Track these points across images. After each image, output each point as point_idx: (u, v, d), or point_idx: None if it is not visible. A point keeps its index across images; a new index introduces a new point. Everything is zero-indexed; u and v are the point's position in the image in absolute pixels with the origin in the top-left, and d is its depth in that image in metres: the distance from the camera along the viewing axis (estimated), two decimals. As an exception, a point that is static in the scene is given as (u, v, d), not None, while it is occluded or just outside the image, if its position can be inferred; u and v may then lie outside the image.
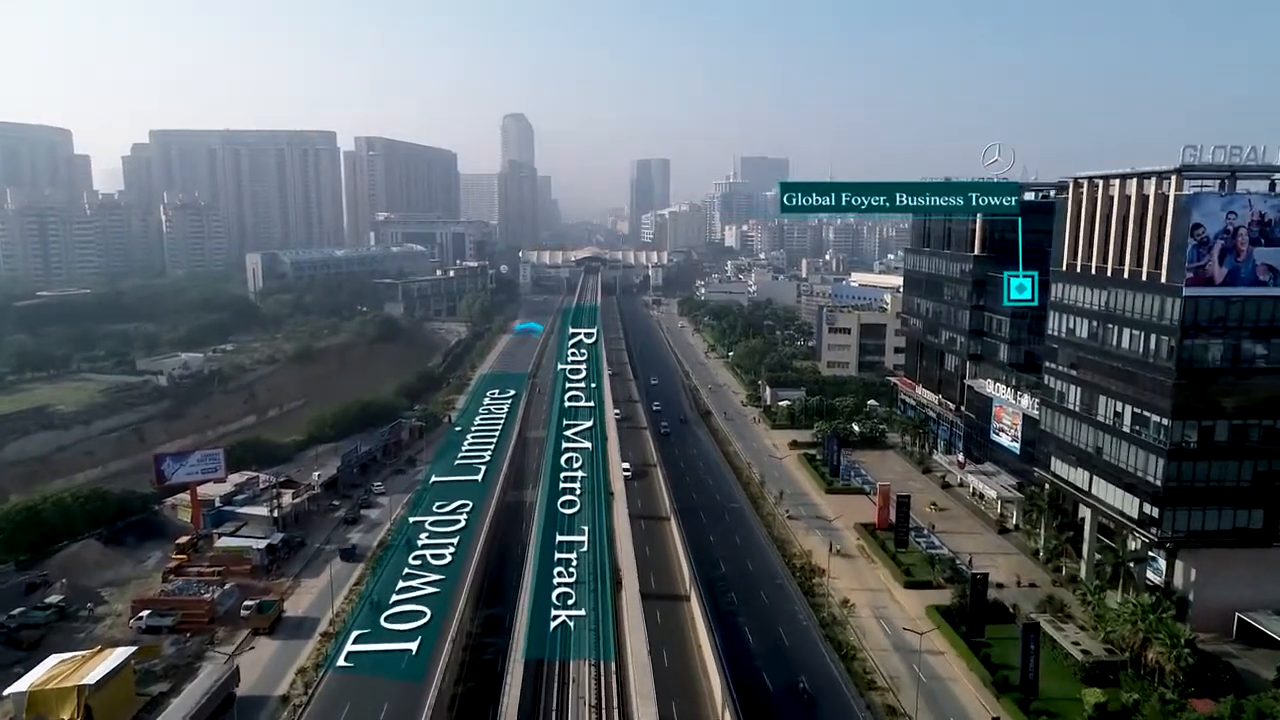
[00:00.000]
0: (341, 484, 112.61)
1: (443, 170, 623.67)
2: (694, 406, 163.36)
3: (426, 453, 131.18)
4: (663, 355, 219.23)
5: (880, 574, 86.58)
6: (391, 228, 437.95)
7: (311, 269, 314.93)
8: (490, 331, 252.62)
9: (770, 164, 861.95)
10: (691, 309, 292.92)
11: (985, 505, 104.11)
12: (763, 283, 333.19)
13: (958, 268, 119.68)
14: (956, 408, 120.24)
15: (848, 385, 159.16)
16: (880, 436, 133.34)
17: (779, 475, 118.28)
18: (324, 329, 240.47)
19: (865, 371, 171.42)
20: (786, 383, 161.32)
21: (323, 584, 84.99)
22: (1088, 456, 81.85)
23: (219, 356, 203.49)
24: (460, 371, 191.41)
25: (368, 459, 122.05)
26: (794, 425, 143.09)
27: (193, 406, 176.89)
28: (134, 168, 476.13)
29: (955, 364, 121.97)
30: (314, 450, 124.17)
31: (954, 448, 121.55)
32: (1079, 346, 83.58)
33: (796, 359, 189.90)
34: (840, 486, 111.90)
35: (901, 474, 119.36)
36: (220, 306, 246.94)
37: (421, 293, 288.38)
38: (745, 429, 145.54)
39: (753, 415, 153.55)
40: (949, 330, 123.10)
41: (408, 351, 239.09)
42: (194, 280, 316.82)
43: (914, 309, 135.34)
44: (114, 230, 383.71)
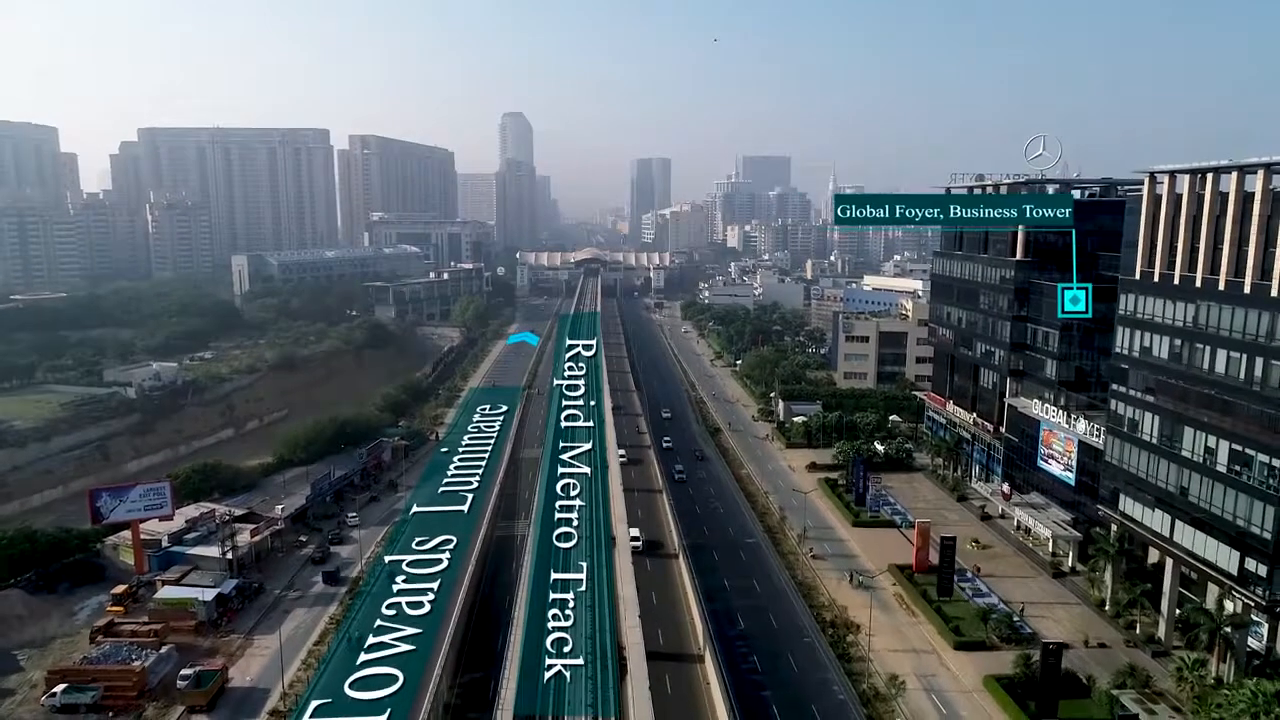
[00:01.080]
0: (311, 515, 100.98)
1: (439, 169, 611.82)
2: (700, 420, 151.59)
3: (410, 475, 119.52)
4: (667, 365, 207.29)
5: (924, 631, 74.87)
6: (385, 228, 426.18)
7: (300, 271, 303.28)
8: (485, 337, 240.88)
9: (772, 162, 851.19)
10: (695, 313, 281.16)
11: (1034, 542, 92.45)
12: (768, 285, 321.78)
13: (996, 274, 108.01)
14: (994, 428, 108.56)
15: (867, 399, 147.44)
16: (907, 458, 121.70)
17: (798, 503, 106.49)
18: (310, 335, 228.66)
19: (885, 383, 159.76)
20: (801, 396, 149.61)
21: (283, 639, 73.47)
22: (1168, 497, 70.16)
23: (196, 365, 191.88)
24: (451, 382, 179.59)
25: (343, 484, 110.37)
26: (811, 444, 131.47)
27: (164, 420, 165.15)
28: (122, 166, 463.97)
29: (993, 380, 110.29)
30: (284, 475, 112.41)
31: (991, 473, 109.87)
32: (1157, 368, 71.86)
33: (809, 368, 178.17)
34: (869, 519, 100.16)
35: (934, 502, 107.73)
36: (201, 311, 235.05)
37: (414, 296, 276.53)
38: (758, 448, 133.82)
39: (765, 432, 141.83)
40: (986, 342, 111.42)
41: (397, 359, 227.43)
42: (178, 283, 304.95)
43: (944, 318, 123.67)
44: (98, 231, 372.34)
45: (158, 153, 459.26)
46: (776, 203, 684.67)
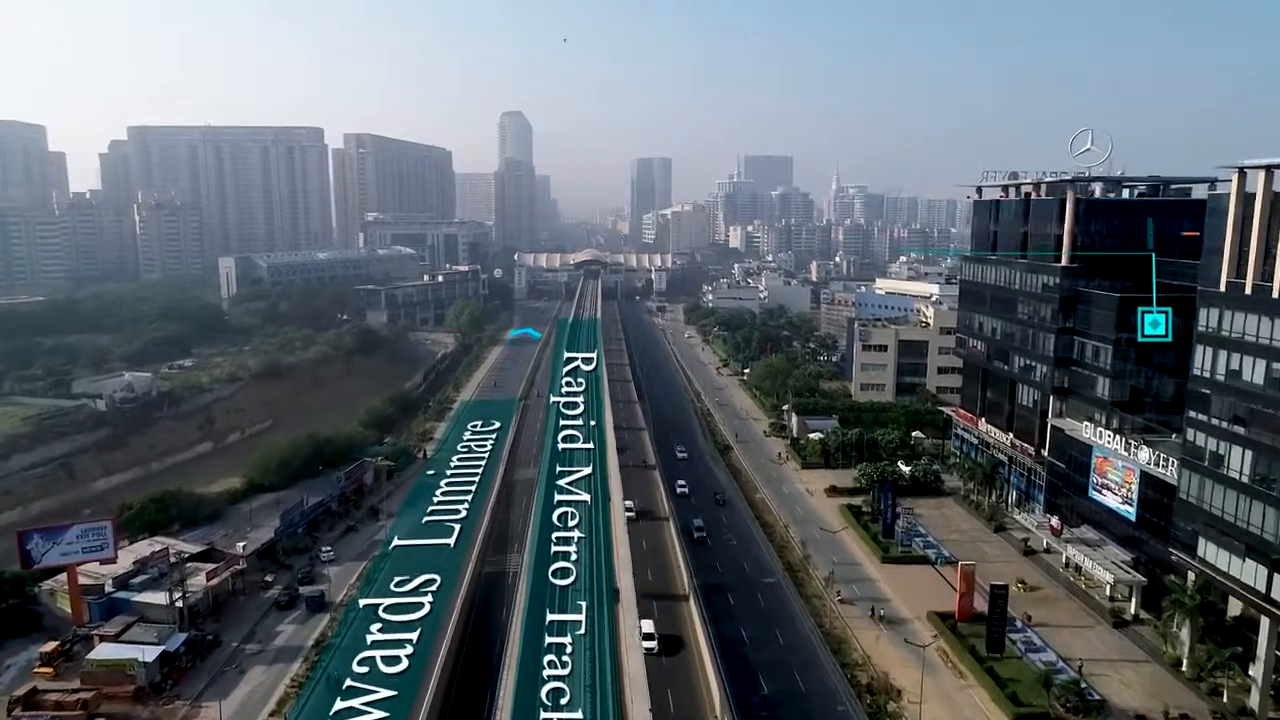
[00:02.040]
0: (280, 550, 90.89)
1: (437, 169, 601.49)
2: (708, 434, 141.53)
3: (393, 500, 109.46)
4: (671, 373, 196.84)
5: (975, 697, 64.82)
6: (380, 229, 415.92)
7: (290, 273, 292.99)
8: (480, 343, 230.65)
9: (774, 162, 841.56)
10: (699, 317, 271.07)
11: (1088, 583, 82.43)
12: (774, 288, 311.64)
13: (1038, 281, 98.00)
14: (1035, 451, 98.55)
15: (887, 413, 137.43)
16: (935, 481, 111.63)
17: (820, 536, 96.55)
18: (297, 341, 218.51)
19: (904, 395, 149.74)
20: (816, 410, 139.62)
21: (233, 709, 63.58)
22: (1265, 546, 60.18)
23: (173, 374, 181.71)
24: (442, 393, 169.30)
25: (317, 513, 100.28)
26: (829, 464, 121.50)
27: (136, 435, 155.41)
28: (111, 166, 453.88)
29: (1033, 398, 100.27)
30: (252, 503, 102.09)
31: (1031, 500, 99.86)
32: (1250, 395, 61.82)
33: (822, 378, 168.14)
34: (899, 554, 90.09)
35: (968, 533, 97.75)
36: (184, 316, 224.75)
37: (407, 300, 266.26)
38: (771, 468, 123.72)
39: (778, 450, 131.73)
40: (1024, 356, 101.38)
41: (388, 366, 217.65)
42: (164, 286, 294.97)
43: (975, 328, 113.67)
44: (84, 232, 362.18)
45: (148, 152, 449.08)
46: (779, 202, 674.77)
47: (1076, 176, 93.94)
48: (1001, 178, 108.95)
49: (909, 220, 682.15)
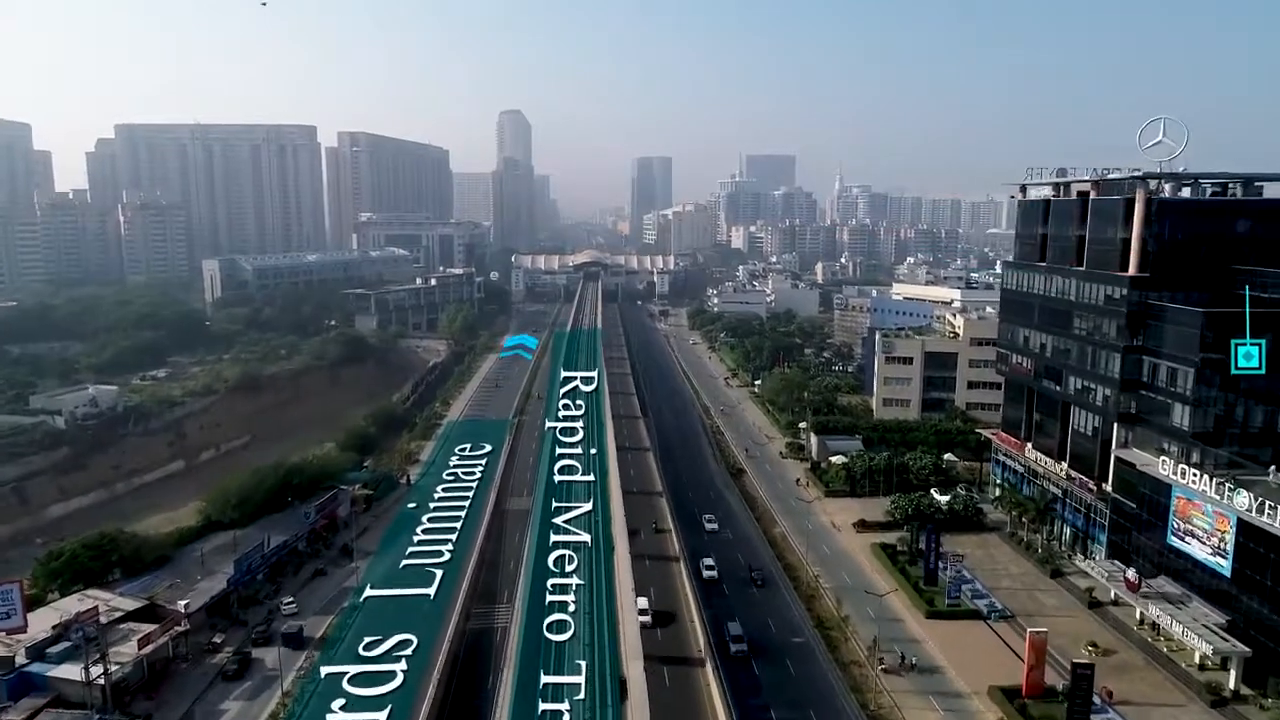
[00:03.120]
0: (234, 602, 79.17)
1: (433, 168, 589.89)
2: (718, 456, 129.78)
3: (371, 535, 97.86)
4: (676, 385, 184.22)
5: (1062, 807, 53.19)
6: (373, 230, 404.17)
7: (276, 276, 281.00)
8: (474, 351, 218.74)
9: (777, 161, 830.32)
10: (704, 322, 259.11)
11: (1171, 646, 70.71)
12: (781, 291, 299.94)
13: (1099, 292, 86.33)
14: (1096, 486, 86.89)
15: (916, 433, 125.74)
16: (976, 515, 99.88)
17: (854, 582, 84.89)
18: (281, 349, 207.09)
19: (931, 412, 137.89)
20: (837, 429, 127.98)
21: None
22: None
23: (143, 386, 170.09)
24: (431, 408, 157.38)
25: (283, 554, 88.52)
26: (855, 491, 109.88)
27: (99, 454, 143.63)
28: (98, 165, 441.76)
29: (1092, 424, 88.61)
30: (206, 544, 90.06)
31: (1092, 540, 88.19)
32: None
33: (840, 391, 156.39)
34: (947, 608, 78.31)
35: (1021, 579, 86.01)
36: (162, 322, 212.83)
37: (398, 304, 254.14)
38: (790, 496, 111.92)
39: (797, 474, 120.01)
40: (1082, 377, 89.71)
41: (376, 376, 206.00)
42: (145, 290, 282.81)
43: (1020, 342, 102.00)
44: (66, 233, 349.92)
45: (136, 150, 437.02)
46: (782, 202, 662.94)
47: (1148, 173, 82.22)
48: (1048, 175, 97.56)
49: (914, 220, 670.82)
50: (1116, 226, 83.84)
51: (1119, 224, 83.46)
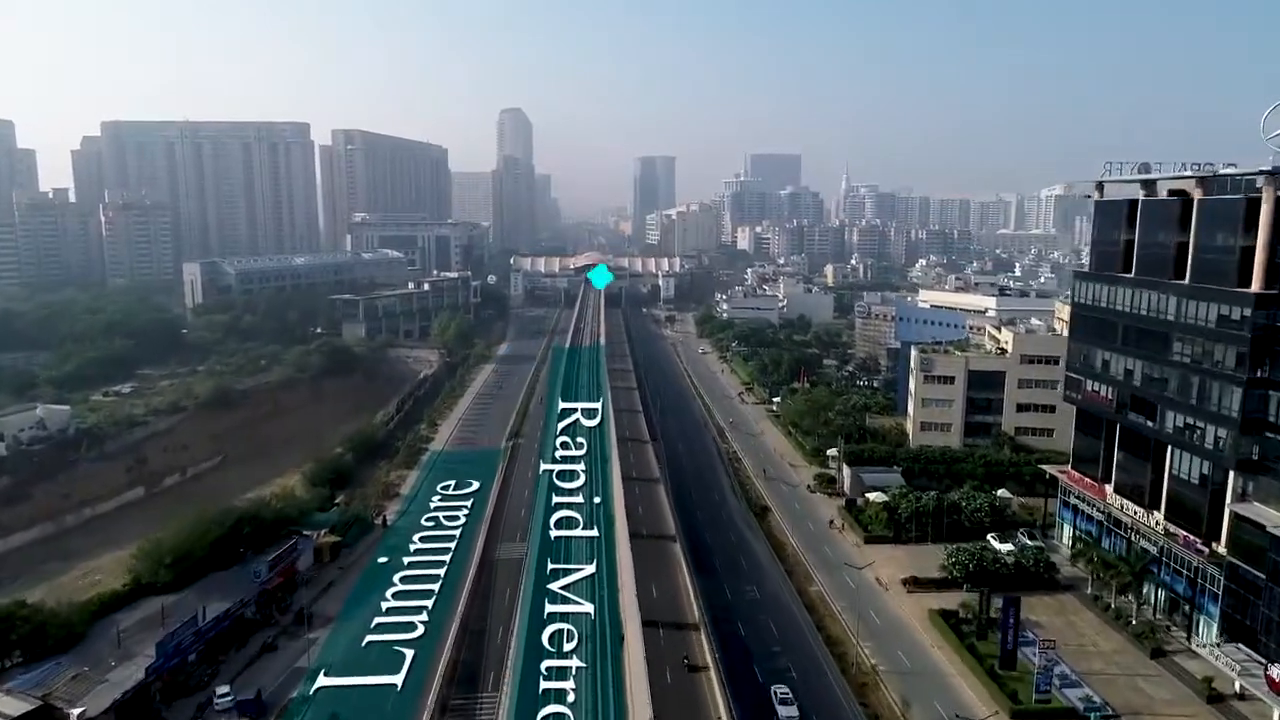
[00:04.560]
0: (156, 695, 64.38)
1: (431, 167, 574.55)
2: (738, 490, 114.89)
3: (334, 595, 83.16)
4: (687, 403, 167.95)
5: None
6: (368, 231, 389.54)
7: (262, 280, 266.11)
8: (468, 362, 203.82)
9: (782, 160, 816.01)
10: (714, 330, 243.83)
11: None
12: (793, 296, 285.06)
13: (1211, 311, 71.34)
14: (1206, 546, 71.90)
15: (963, 464, 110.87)
16: (1048, 569, 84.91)
17: (913, 664, 70.00)
18: (261, 359, 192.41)
19: (975, 437, 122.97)
20: (872, 459, 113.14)
21: None
22: None
23: (106, 402, 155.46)
24: (416, 430, 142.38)
25: (223, 625, 73.69)
26: (899, 537, 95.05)
27: (47, 482, 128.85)
28: (83, 163, 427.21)
29: (1200, 470, 73.64)
30: (136, 611, 74.83)
31: (1199, 611, 73.10)
32: None
33: (869, 410, 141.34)
34: (1035, 707, 63.17)
35: (1115, 659, 70.93)
36: (133, 331, 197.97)
37: (388, 310, 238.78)
38: (824, 542, 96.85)
39: (829, 513, 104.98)
40: (1184, 412, 74.73)
41: (363, 388, 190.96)
42: (123, 295, 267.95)
43: (1096, 367, 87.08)
44: (45, 234, 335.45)
45: (122, 148, 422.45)
46: (788, 202, 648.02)
47: (1273, 169, 67.22)
48: (1129, 170, 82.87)
49: (922, 220, 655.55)
50: (1235, 233, 68.94)
51: (1238, 230, 68.56)
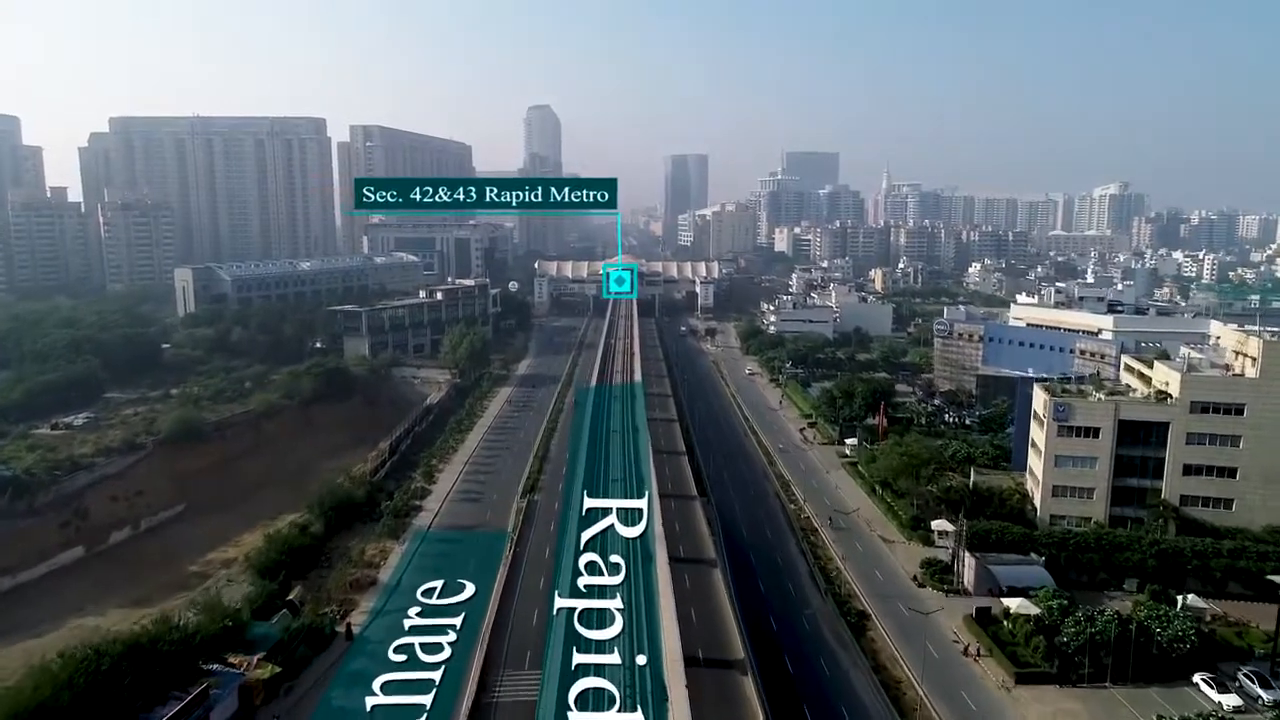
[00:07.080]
0: None
1: (456, 165, 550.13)
2: (817, 579, 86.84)
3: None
4: (738, 442, 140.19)
5: None
6: (384, 232, 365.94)
7: (262, 287, 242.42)
8: (481, 385, 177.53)
9: (820, 159, 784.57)
10: (761, 346, 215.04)
11: None
12: (846, 305, 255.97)
13: None
14: None
15: (1126, 552, 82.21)
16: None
17: None
18: (243, 381, 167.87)
19: (1124, 507, 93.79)
20: (1003, 543, 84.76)
21: None
22: None
23: (49, 438, 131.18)
24: (411, 482, 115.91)
25: None
26: (1071, 676, 66.64)
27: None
28: (90, 161, 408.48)
29: None
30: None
31: None
32: None
33: (974, 461, 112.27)
34: None
35: None
36: (102, 348, 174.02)
37: (395, 323, 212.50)
38: (958, 683, 68.34)
39: (952, 624, 76.62)
40: None
41: (361, 416, 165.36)
42: (109, 303, 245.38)
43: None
44: (41, 236, 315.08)
45: (130, 145, 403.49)
46: (827, 202, 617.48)
47: None
48: None
49: (966, 221, 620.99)
50: None
51: None
